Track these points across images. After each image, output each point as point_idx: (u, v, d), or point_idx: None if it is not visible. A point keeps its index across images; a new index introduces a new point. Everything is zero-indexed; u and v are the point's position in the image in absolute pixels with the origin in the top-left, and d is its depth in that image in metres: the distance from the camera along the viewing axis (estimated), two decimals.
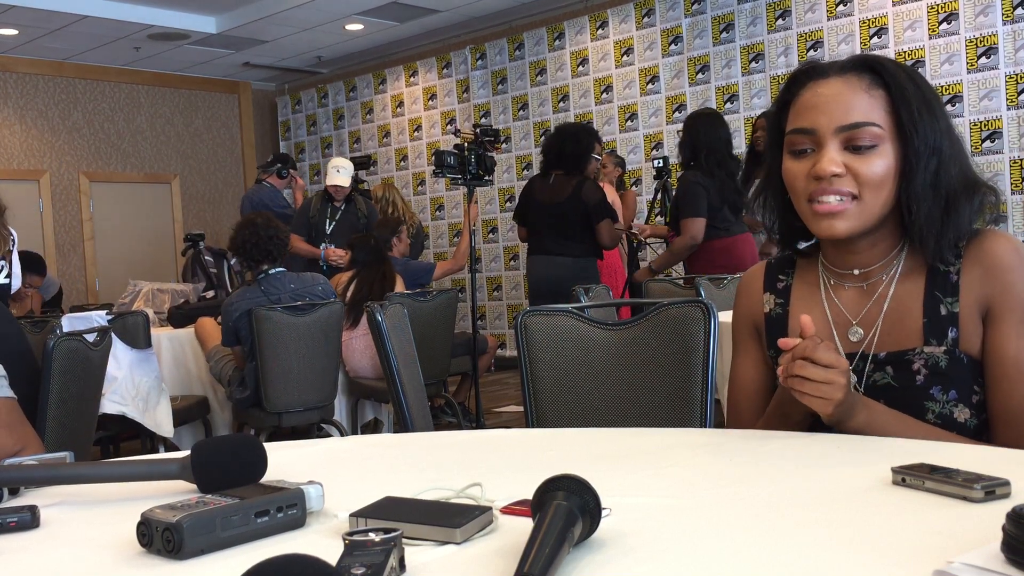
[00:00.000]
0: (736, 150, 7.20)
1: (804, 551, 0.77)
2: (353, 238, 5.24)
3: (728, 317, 1.56)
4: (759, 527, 0.85)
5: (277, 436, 4.01)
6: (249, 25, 8.63)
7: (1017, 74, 6.18)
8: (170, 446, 4.13)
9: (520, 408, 2.67)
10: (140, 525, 0.84)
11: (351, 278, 4.87)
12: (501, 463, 1.22)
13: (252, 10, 8.43)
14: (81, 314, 3.56)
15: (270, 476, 1.02)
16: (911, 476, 0.93)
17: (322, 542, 0.86)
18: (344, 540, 0.75)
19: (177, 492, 1.05)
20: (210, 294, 5.64)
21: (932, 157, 1.29)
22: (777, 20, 7.22)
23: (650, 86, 7.94)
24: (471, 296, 5.29)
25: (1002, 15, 6.21)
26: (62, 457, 1.16)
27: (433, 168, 5.09)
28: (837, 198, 1.29)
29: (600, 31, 8.24)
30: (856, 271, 1.37)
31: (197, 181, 10.68)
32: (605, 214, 4.84)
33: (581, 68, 8.35)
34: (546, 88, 8.60)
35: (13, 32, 8.44)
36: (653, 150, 7.84)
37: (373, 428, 4.86)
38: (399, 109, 9.83)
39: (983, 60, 6.29)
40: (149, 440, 4.15)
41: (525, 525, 0.80)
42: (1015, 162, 6.21)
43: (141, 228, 10.21)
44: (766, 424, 1.36)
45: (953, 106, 6.34)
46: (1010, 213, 6.24)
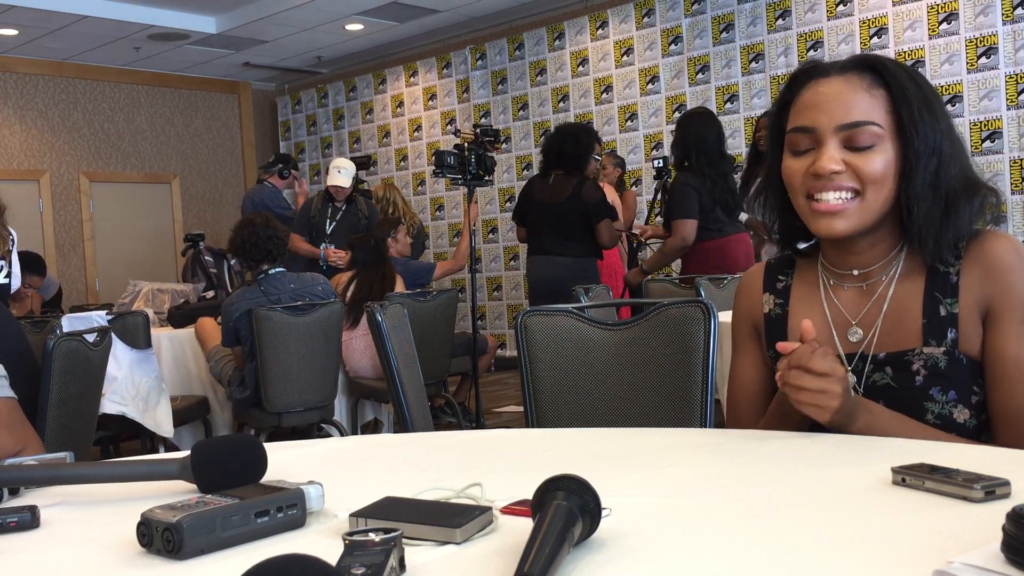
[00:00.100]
0: (735, 150, 7.28)
1: (804, 551, 0.77)
2: (353, 238, 5.24)
3: (728, 317, 1.56)
4: (759, 527, 0.85)
5: (277, 436, 4.01)
6: (249, 25, 8.63)
7: (1017, 74, 6.18)
8: (170, 446, 4.12)
9: (520, 408, 2.67)
10: (140, 525, 0.84)
11: (351, 278, 4.87)
12: (501, 463, 1.22)
13: (252, 10, 8.43)
14: (81, 314, 3.56)
15: (270, 476, 1.02)
16: (911, 476, 0.93)
17: (322, 542, 0.86)
18: (344, 540, 0.75)
19: (177, 492, 1.05)
20: (210, 294, 5.65)
21: (932, 157, 1.29)
22: (777, 20, 7.22)
23: (650, 86, 7.94)
24: (471, 296, 5.29)
25: (1002, 15, 6.21)
26: (62, 457, 1.16)
27: (433, 168, 5.09)
28: (836, 194, 1.29)
29: (600, 31, 8.24)
30: (856, 271, 1.37)
31: (197, 181, 10.68)
32: (605, 214, 4.84)
33: (581, 68, 8.35)
34: (546, 88, 8.60)
35: (13, 32, 8.44)
36: (653, 150, 7.84)
37: (373, 428, 4.86)
38: (399, 109, 9.83)
39: (983, 60, 6.29)
40: (149, 440, 4.15)
41: (525, 525, 0.80)
42: (1015, 162, 6.21)
43: (141, 228, 10.21)
44: (766, 424, 1.36)
45: (953, 106, 6.34)
46: (1010, 213, 6.24)
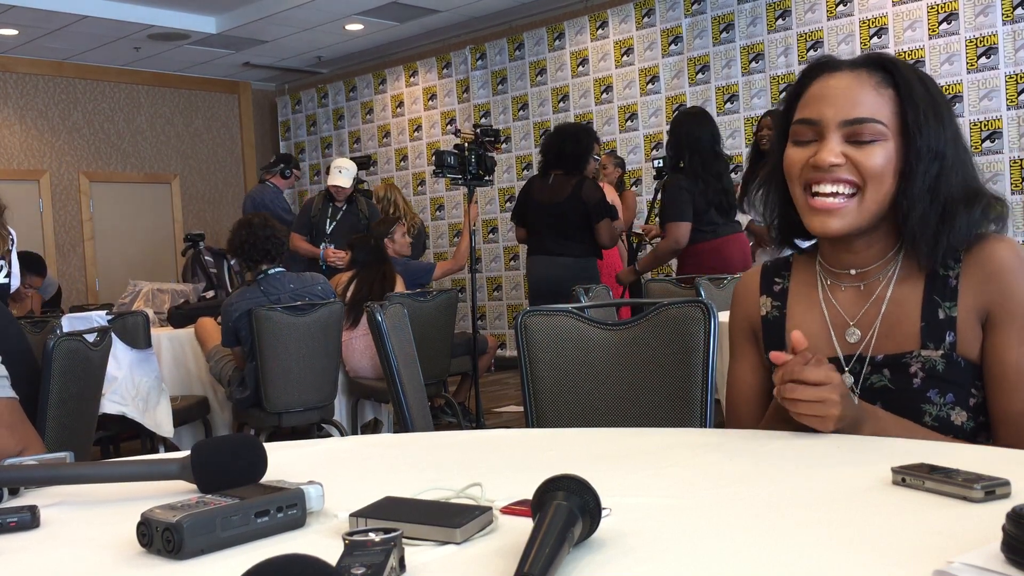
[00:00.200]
0: (735, 150, 7.28)
1: (804, 551, 0.77)
2: (353, 238, 5.24)
3: (728, 317, 1.56)
4: (759, 527, 0.85)
5: (277, 436, 4.01)
6: (249, 25, 8.63)
7: (1017, 74, 6.18)
8: (170, 446, 4.12)
9: (520, 408, 2.67)
10: (140, 525, 0.84)
11: (351, 278, 4.87)
12: (501, 463, 1.22)
13: (252, 10, 8.43)
14: (81, 314, 3.56)
15: (270, 476, 1.02)
16: (911, 476, 0.93)
17: (322, 542, 0.86)
18: (344, 540, 0.75)
19: (177, 492, 1.05)
20: (210, 294, 5.64)
21: (934, 162, 1.29)
22: (777, 20, 7.21)
23: (650, 86, 7.94)
24: (471, 296, 5.29)
25: (1002, 15, 6.21)
26: (62, 457, 1.16)
27: (433, 168, 5.09)
28: (834, 187, 1.29)
29: (600, 31, 8.23)
30: (853, 271, 1.37)
31: (197, 181, 10.68)
32: (605, 213, 4.84)
33: (581, 68, 8.35)
34: (546, 88, 8.60)
35: (13, 32, 8.43)
36: (653, 150, 7.84)
37: (373, 428, 4.86)
38: (399, 109, 9.82)
39: (983, 60, 6.29)
40: (149, 440, 4.15)
41: (525, 525, 0.80)
42: (1015, 162, 6.21)
43: (141, 228, 10.21)
44: (766, 427, 1.36)
45: (953, 106, 6.33)
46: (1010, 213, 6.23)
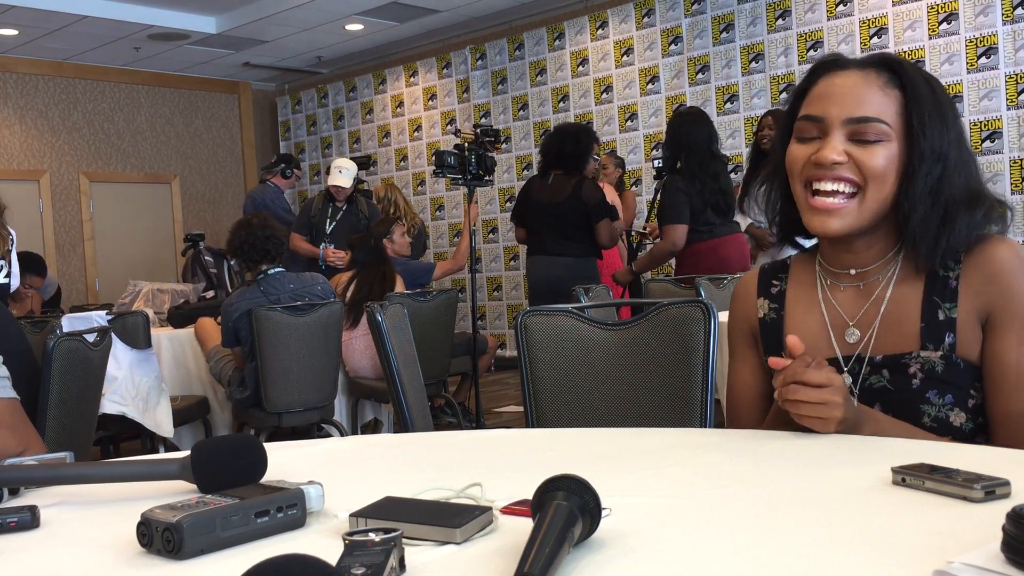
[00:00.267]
0: (735, 150, 7.28)
1: (804, 551, 0.77)
2: (353, 238, 5.24)
3: (727, 318, 1.56)
4: (759, 527, 0.85)
5: (277, 436, 4.01)
6: (249, 25, 8.62)
7: (1017, 74, 6.18)
8: (170, 446, 4.12)
9: (520, 408, 2.67)
10: (140, 525, 0.84)
11: (351, 278, 4.87)
12: (501, 463, 1.22)
13: (252, 10, 8.43)
14: (81, 314, 3.56)
15: (270, 476, 1.02)
16: (911, 476, 0.93)
17: (322, 542, 0.86)
18: (344, 540, 0.75)
19: (177, 492, 1.04)
20: (210, 294, 5.64)
21: (937, 163, 1.29)
22: (777, 20, 7.21)
23: (650, 86, 7.94)
24: (471, 296, 5.29)
25: (1002, 15, 6.21)
26: (62, 457, 1.16)
27: (433, 168, 5.09)
28: (835, 184, 1.29)
29: (600, 31, 8.23)
30: (852, 271, 1.37)
31: (197, 181, 10.68)
32: (604, 213, 4.84)
33: (581, 68, 8.35)
34: (546, 88, 8.60)
35: (13, 32, 8.43)
36: (653, 150, 7.83)
37: (373, 428, 4.86)
38: (399, 109, 9.82)
39: (983, 60, 6.29)
40: (149, 440, 4.15)
41: (525, 525, 0.80)
42: (1015, 162, 6.21)
43: (141, 228, 10.21)
44: (767, 429, 1.36)
45: None
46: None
